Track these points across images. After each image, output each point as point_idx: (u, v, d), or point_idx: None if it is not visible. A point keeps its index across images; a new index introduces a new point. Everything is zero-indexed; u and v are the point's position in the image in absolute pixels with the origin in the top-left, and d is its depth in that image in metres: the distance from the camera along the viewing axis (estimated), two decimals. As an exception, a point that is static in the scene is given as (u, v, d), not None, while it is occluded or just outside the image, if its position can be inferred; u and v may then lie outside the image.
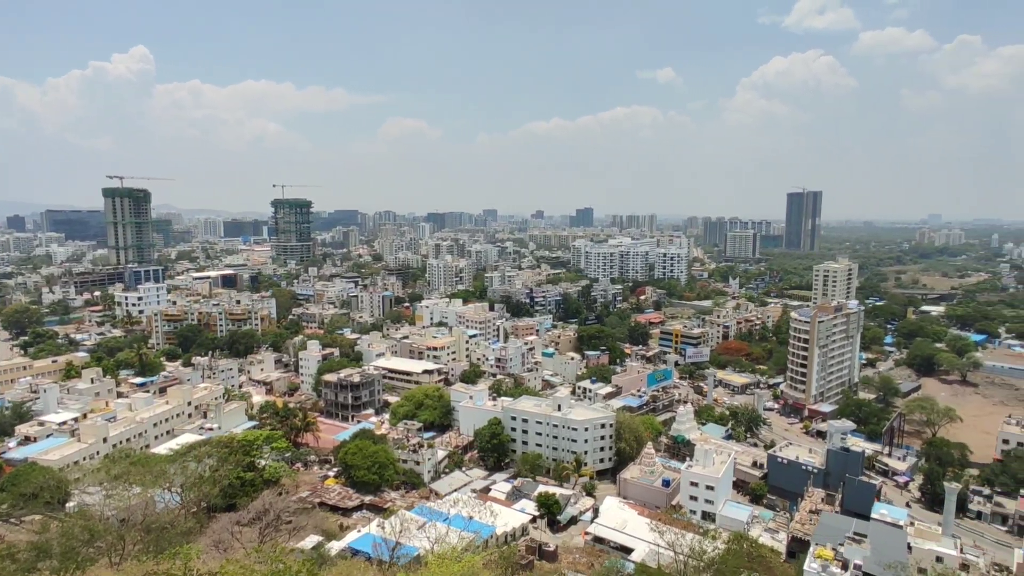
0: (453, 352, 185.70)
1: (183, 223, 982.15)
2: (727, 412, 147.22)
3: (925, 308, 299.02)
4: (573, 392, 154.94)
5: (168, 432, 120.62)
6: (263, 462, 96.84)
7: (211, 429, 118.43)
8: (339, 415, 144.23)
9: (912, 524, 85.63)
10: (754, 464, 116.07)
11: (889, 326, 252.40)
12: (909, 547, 75.08)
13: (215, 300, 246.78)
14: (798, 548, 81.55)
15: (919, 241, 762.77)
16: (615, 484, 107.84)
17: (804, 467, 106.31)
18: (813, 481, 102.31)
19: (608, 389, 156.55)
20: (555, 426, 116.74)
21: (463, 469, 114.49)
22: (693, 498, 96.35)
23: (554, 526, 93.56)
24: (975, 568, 72.66)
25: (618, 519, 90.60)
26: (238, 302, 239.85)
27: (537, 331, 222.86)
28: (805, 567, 69.56)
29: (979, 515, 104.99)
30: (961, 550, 76.90)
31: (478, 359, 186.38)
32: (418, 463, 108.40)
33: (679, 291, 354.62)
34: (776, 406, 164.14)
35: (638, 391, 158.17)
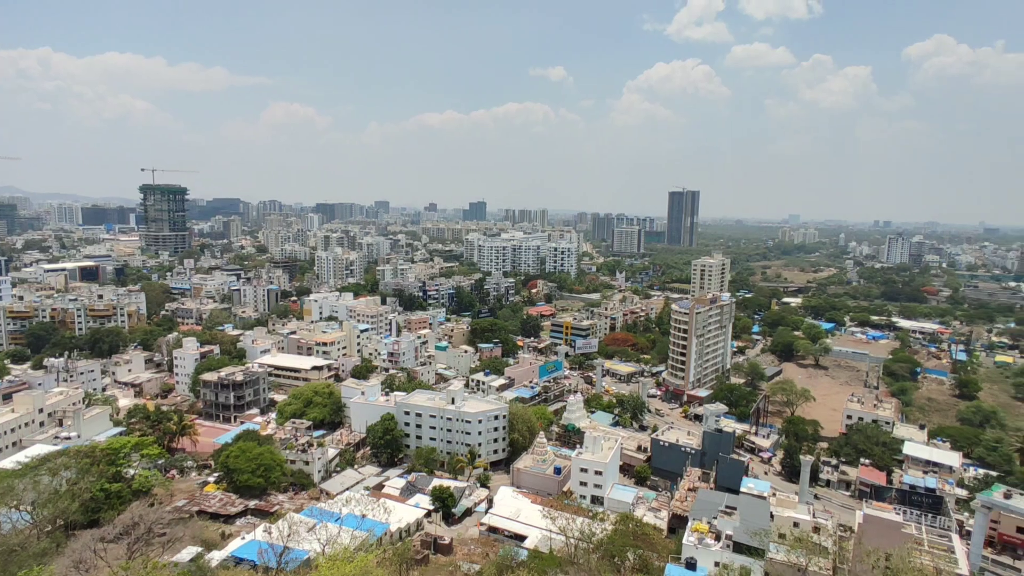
0: (344, 347, 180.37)
1: (31, 208, 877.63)
2: (614, 400, 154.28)
3: (786, 300, 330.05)
4: (467, 385, 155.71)
5: (15, 444, 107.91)
6: (131, 471, 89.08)
7: (68, 438, 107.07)
8: (220, 417, 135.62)
9: (774, 495, 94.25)
10: (639, 448, 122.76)
11: (756, 316, 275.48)
12: (772, 515, 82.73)
13: (72, 295, 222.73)
14: (678, 524, 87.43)
15: (781, 239, 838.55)
16: (509, 474, 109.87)
17: (683, 449, 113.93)
18: (691, 461, 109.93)
19: (501, 381, 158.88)
20: (449, 419, 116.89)
21: (355, 467, 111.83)
22: (583, 484, 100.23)
23: (449, 519, 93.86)
24: (824, 530, 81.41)
25: (512, 508, 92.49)
26: (100, 296, 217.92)
27: (430, 325, 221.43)
28: (684, 541, 74.76)
29: (828, 483, 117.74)
30: (813, 515, 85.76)
31: (370, 354, 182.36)
32: (308, 463, 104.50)
33: (569, 284, 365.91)
34: (659, 393, 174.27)
35: (530, 382, 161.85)
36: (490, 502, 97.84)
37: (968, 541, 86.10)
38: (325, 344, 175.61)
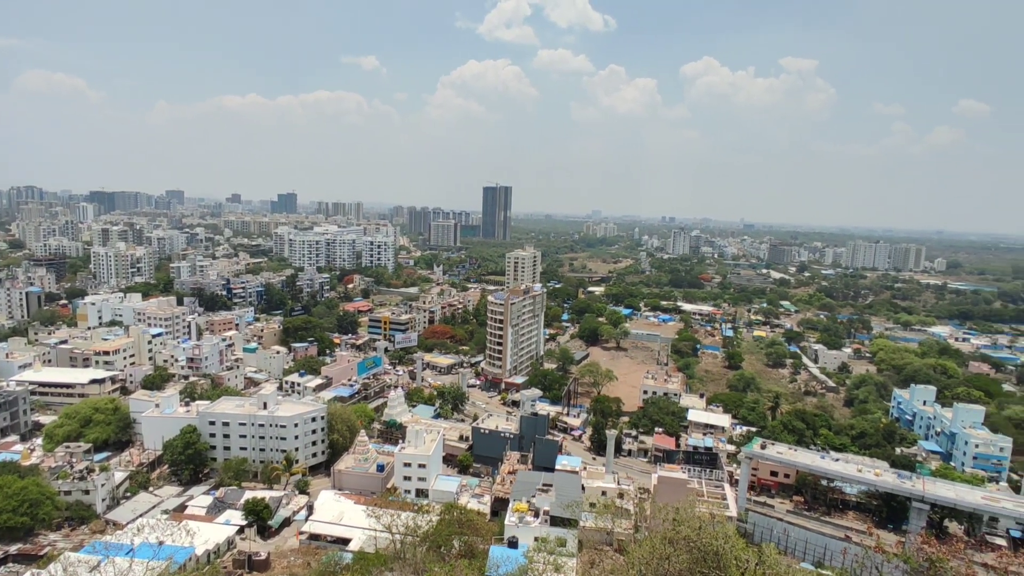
0: (132, 355, 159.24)
1: None
2: (435, 392, 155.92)
3: (591, 289, 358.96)
4: (280, 388, 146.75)
5: None
6: None
7: None
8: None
9: (585, 468, 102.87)
10: (461, 438, 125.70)
11: (565, 305, 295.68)
12: (583, 488, 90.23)
13: None
14: (500, 507, 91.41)
15: (586, 232, 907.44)
16: (330, 477, 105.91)
17: (502, 434, 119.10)
18: (510, 446, 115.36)
19: (318, 381, 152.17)
20: (262, 426, 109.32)
21: (150, 489, 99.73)
22: (407, 478, 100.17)
23: (266, 532, 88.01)
24: (627, 494, 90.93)
25: (335, 512, 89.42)
26: None
27: (237, 325, 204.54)
28: (506, 522, 78.53)
29: (630, 452, 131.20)
30: (618, 482, 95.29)
31: (165, 361, 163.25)
32: (88, 492, 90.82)
33: (387, 278, 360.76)
34: (478, 382, 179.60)
35: (349, 380, 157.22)
36: (310, 509, 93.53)
37: (736, 488, 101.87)
38: (107, 353, 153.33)
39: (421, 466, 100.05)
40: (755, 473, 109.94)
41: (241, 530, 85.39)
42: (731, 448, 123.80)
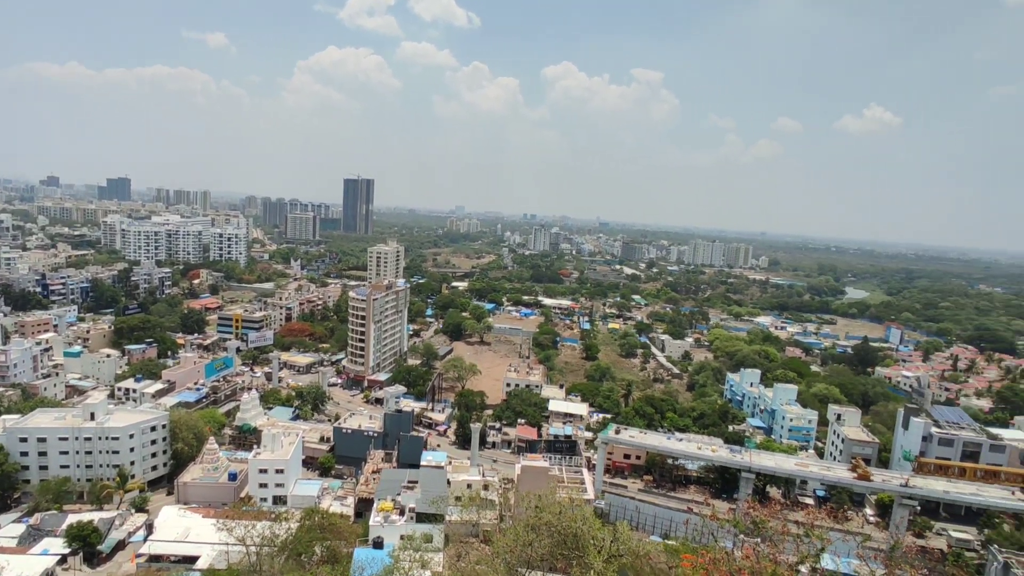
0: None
1: None
2: (294, 393, 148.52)
3: (455, 284, 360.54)
4: (112, 395, 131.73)
5: None
6: None
7: None
8: None
9: (450, 463, 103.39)
10: (322, 439, 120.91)
11: (429, 300, 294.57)
12: (449, 482, 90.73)
13: None
14: (365, 507, 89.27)
15: (450, 228, 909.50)
16: (174, 491, 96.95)
17: (366, 433, 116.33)
18: (374, 444, 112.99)
19: (158, 386, 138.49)
20: (88, 439, 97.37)
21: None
22: (263, 485, 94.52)
23: (95, 559, 78.63)
24: (492, 486, 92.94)
25: (179, 529, 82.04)
26: None
27: (56, 326, 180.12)
28: (370, 522, 76.94)
29: (494, 444, 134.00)
30: (483, 474, 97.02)
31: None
32: None
33: (239, 273, 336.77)
34: (340, 381, 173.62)
35: (196, 384, 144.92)
36: (150, 528, 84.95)
37: (594, 472, 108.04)
38: None
39: (278, 471, 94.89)
40: (610, 457, 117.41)
41: (63, 560, 75.56)
42: (589, 435, 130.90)
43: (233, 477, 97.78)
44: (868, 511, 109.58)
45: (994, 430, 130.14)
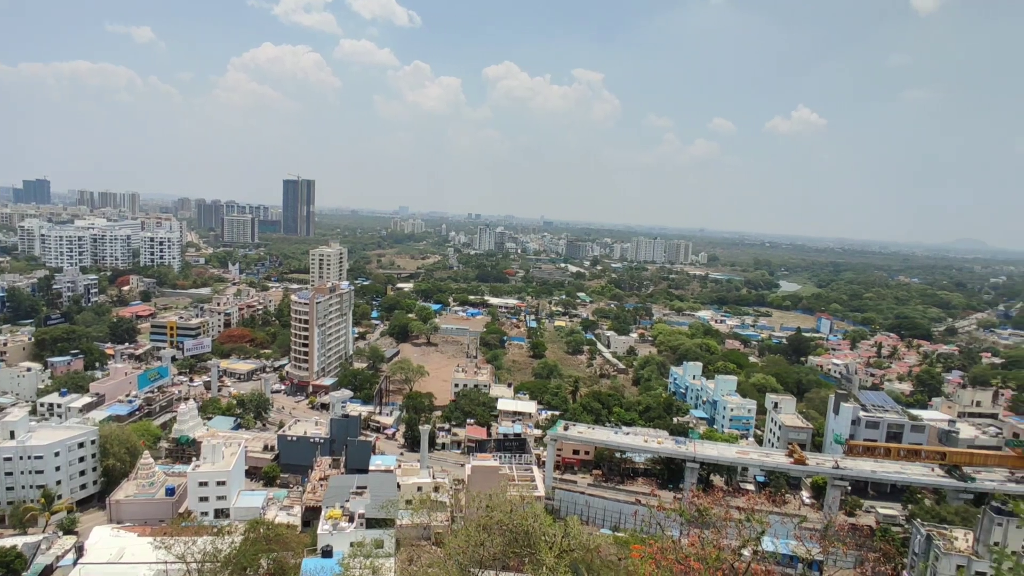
0: None
1: None
2: (235, 402, 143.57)
3: (400, 285, 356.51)
4: (34, 411, 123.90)
5: None
6: None
7: None
8: None
9: (400, 466, 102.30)
10: (266, 448, 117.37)
11: (374, 302, 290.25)
12: (399, 486, 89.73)
13: None
14: (312, 516, 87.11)
15: (394, 228, 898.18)
16: (106, 510, 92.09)
17: (312, 440, 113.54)
18: (321, 451, 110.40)
19: (86, 400, 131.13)
20: (8, 459, 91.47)
21: None
22: (204, 499, 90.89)
23: (18, 585, 73.82)
24: (443, 487, 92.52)
25: (112, 550, 77.91)
26: None
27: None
28: (318, 531, 75.20)
29: (443, 445, 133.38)
30: (433, 476, 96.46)
31: None
32: None
33: (172, 279, 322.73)
34: (283, 387, 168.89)
35: (128, 396, 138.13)
36: (80, 550, 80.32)
37: (544, 469, 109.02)
38: None
39: (220, 483, 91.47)
40: (560, 453, 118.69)
41: (-17, 588, 70.72)
42: (538, 432, 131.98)
43: (171, 492, 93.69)
44: (804, 494, 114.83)
45: (915, 411, 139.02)
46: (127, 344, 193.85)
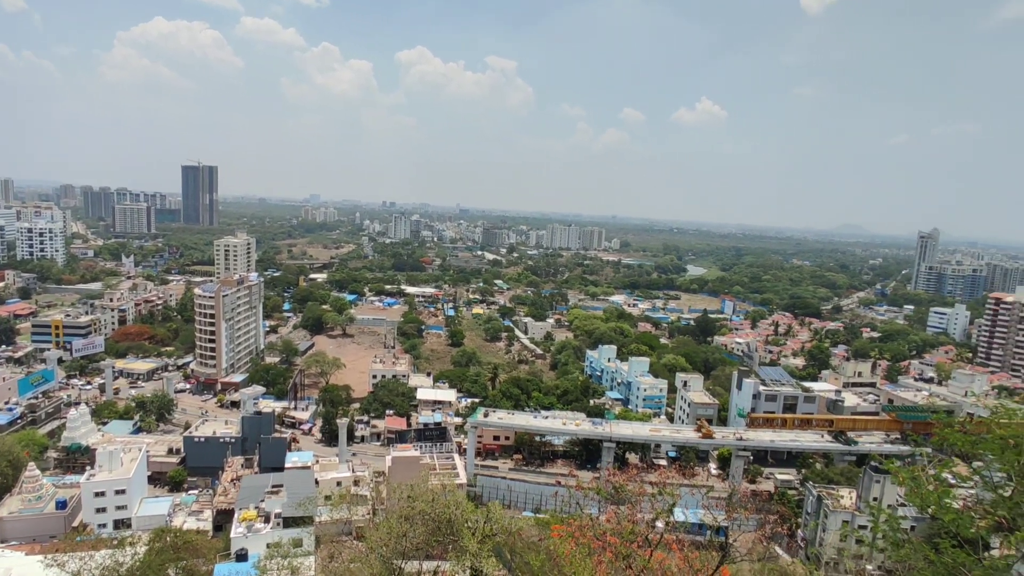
0: None
1: None
2: (133, 404, 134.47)
3: (313, 276, 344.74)
4: None
5: None
6: None
7: None
8: None
9: (317, 462, 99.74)
10: (170, 451, 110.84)
11: (286, 294, 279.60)
12: (317, 482, 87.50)
13: None
14: (225, 520, 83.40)
15: (305, 217, 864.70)
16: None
17: (222, 440, 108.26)
18: (232, 451, 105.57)
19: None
20: None
21: None
22: (101, 510, 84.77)
23: None
24: (364, 480, 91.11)
25: (-5, 570, 71.46)
26: None
27: None
28: (231, 534, 72.13)
29: (363, 438, 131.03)
30: (353, 470, 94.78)
31: None
32: None
33: (56, 274, 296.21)
34: (188, 386, 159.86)
35: (7, 403, 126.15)
36: (-44, 573, 73.12)
37: (465, 456, 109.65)
38: None
39: (119, 492, 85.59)
40: (481, 440, 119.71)
41: None
42: (458, 420, 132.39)
43: (62, 505, 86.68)
44: (712, 465, 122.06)
45: (807, 384, 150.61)
46: (4, 346, 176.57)
